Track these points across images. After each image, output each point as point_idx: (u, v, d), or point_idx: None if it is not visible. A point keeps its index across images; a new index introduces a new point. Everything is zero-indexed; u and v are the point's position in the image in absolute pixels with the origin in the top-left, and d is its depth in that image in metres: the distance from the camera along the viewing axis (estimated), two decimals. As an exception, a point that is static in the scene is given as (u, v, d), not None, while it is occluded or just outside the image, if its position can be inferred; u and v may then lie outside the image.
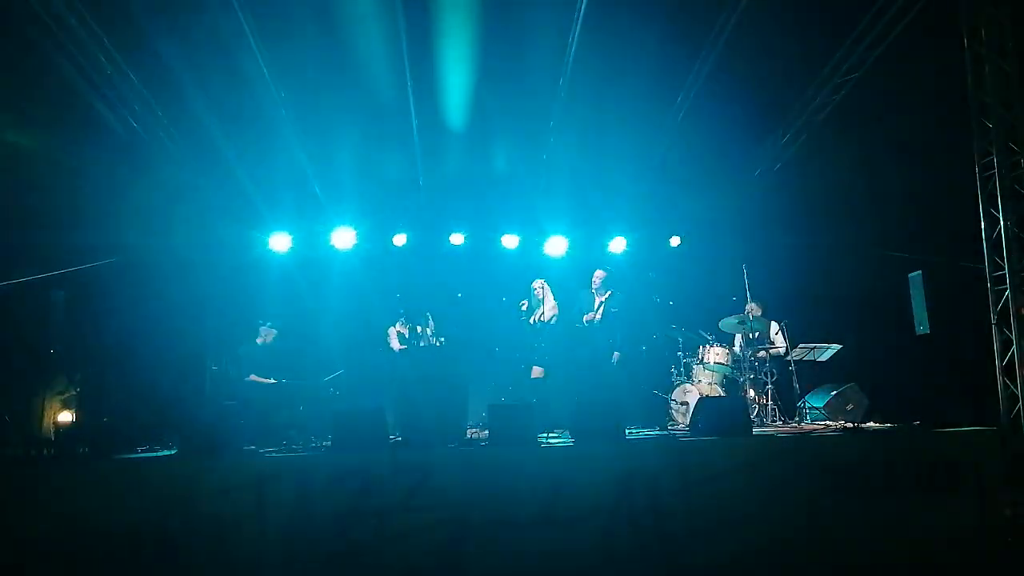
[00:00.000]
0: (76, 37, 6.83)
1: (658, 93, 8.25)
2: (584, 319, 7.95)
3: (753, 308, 8.26)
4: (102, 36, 7.03)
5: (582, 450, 5.26)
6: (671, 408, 8.15)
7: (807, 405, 7.51)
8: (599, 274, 8.12)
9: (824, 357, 7.96)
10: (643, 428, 7.72)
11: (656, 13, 7.05)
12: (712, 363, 8.21)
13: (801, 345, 7.94)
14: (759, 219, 10.45)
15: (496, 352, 10.46)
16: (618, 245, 10.62)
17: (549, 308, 7.72)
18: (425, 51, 7.25)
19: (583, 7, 6.58)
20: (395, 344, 8.57)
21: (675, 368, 8.48)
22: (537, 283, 7.93)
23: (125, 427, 6.24)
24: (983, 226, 6.67)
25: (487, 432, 5.74)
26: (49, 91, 7.46)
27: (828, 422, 7.07)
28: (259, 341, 8.03)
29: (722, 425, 5.62)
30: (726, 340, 8.56)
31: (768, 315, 8.37)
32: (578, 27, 6.81)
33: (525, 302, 7.88)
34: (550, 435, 6.57)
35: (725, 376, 8.21)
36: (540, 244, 10.53)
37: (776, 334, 8.26)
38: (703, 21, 7.20)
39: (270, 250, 10.39)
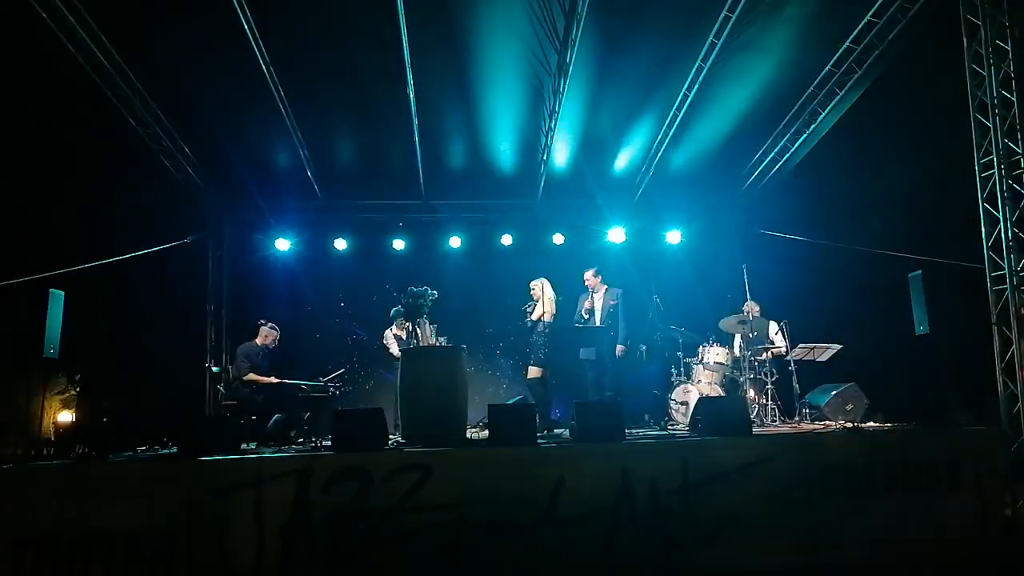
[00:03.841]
0: (77, 36, 6.84)
1: (658, 87, 8.26)
2: (582, 312, 7.90)
3: (752, 307, 8.26)
4: (105, 40, 7.05)
5: (582, 450, 5.26)
6: (671, 408, 8.14)
7: (807, 405, 7.52)
8: (590, 273, 8.07)
9: (824, 357, 7.96)
10: (643, 428, 7.72)
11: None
12: (712, 363, 8.21)
13: (801, 345, 7.94)
14: (759, 219, 10.47)
15: (497, 352, 10.50)
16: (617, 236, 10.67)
17: (547, 308, 7.69)
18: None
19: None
20: (394, 349, 8.53)
21: (675, 368, 8.49)
22: (535, 283, 7.91)
23: (125, 427, 6.23)
24: (983, 226, 6.67)
25: (487, 432, 5.74)
26: (52, 91, 7.47)
27: (828, 422, 7.07)
28: (259, 341, 8.02)
29: (722, 425, 5.62)
30: (726, 340, 8.56)
31: (766, 315, 8.37)
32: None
33: (530, 304, 7.86)
34: (550, 435, 6.57)
35: (725, 376, 8.21)
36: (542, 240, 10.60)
37: (776, 334, 8.26)
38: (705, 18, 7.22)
39: (272, 251, 10.44)
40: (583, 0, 6.51)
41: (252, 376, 7.62)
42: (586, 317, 7.87)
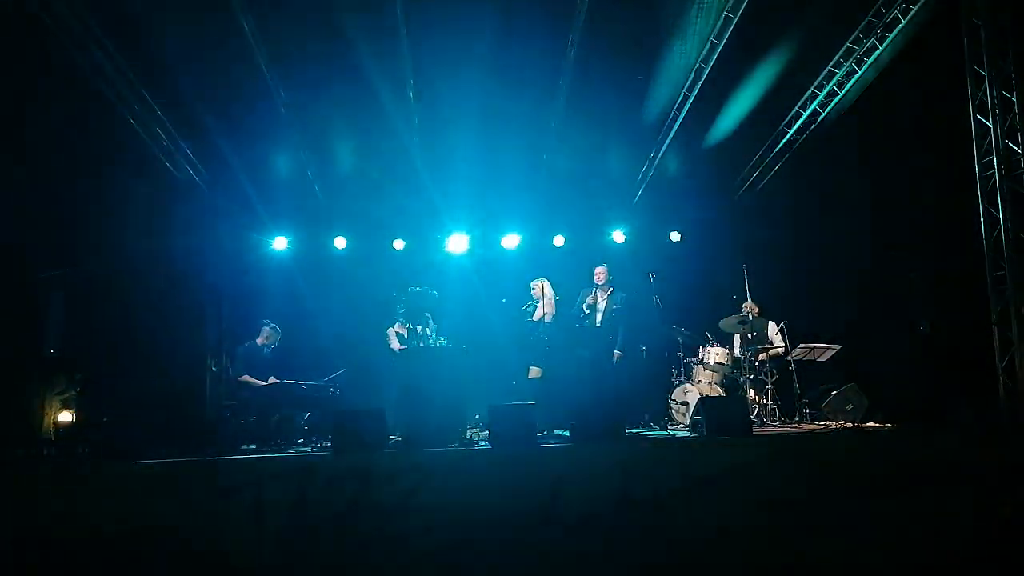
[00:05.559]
0: (75, 34, 6.83)
1: (658, 86, 8.25)
2: (584, 306, 7.87)
3: (752, 307, 8.25)
4: (102, 37, 7.04)
5: (582, 450, 5.26)
6: (671, 408, 8.14)
7: (807, 405, 7.52)
8: (602, 270, 8.04)
9: (824, 357, 7.96)
10: (643, 428, 7.72)
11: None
12: (712, 363, 8.21)
13: (801, 345, 7.94)
14: (760, 218, 10.46)
15: (496, 352, 10.46)
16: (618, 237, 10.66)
17: (547, 308, 7.68)
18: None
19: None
20: (395, 345, 8.55)
21: (675, 368, 8.48)
22: (536, 283, 7.90)
23: (125, 427, 6.23)
24: (983, 226, 6.67)
25: (487, 432, 5.75)
26: (51, 92, 7.47)
27: (828, 422, 7.07)
28: (259, 341, 8.01)
29: (722, 425, 5.63)
30: (726, 340, 8.56)
31: (765, 314, 8.36)
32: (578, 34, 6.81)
33: (529, 303, 7.85)
34: (550, 435, 6.57)
35: (725, 376, 8.21)
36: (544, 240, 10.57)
37: (776, 334, 8.25)
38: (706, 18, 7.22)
39: (271, 251, 10.43)
40: (583, 0, 6.52)
41: (246, 378, 7.61)
42: (587, 312, 7.84)
